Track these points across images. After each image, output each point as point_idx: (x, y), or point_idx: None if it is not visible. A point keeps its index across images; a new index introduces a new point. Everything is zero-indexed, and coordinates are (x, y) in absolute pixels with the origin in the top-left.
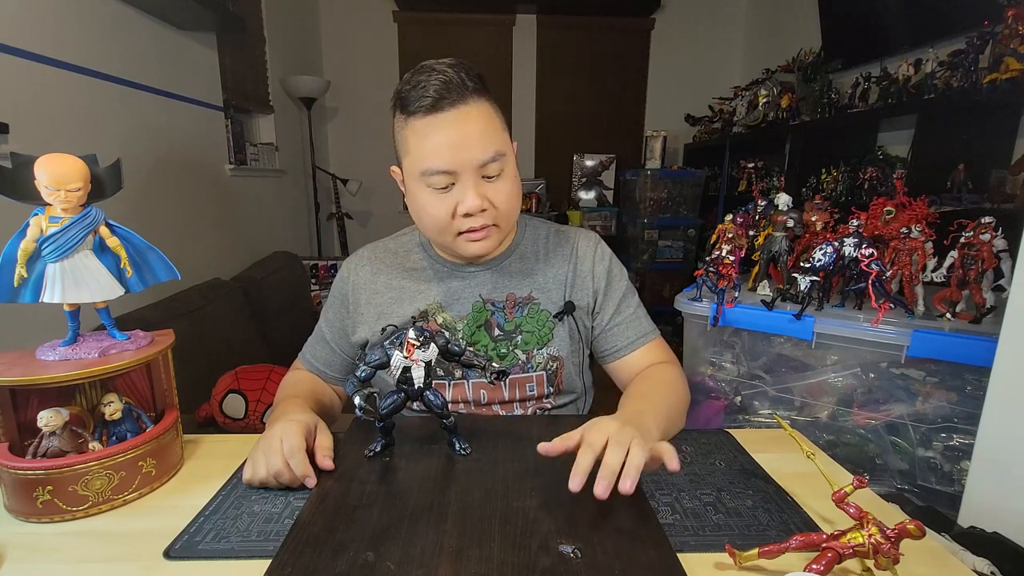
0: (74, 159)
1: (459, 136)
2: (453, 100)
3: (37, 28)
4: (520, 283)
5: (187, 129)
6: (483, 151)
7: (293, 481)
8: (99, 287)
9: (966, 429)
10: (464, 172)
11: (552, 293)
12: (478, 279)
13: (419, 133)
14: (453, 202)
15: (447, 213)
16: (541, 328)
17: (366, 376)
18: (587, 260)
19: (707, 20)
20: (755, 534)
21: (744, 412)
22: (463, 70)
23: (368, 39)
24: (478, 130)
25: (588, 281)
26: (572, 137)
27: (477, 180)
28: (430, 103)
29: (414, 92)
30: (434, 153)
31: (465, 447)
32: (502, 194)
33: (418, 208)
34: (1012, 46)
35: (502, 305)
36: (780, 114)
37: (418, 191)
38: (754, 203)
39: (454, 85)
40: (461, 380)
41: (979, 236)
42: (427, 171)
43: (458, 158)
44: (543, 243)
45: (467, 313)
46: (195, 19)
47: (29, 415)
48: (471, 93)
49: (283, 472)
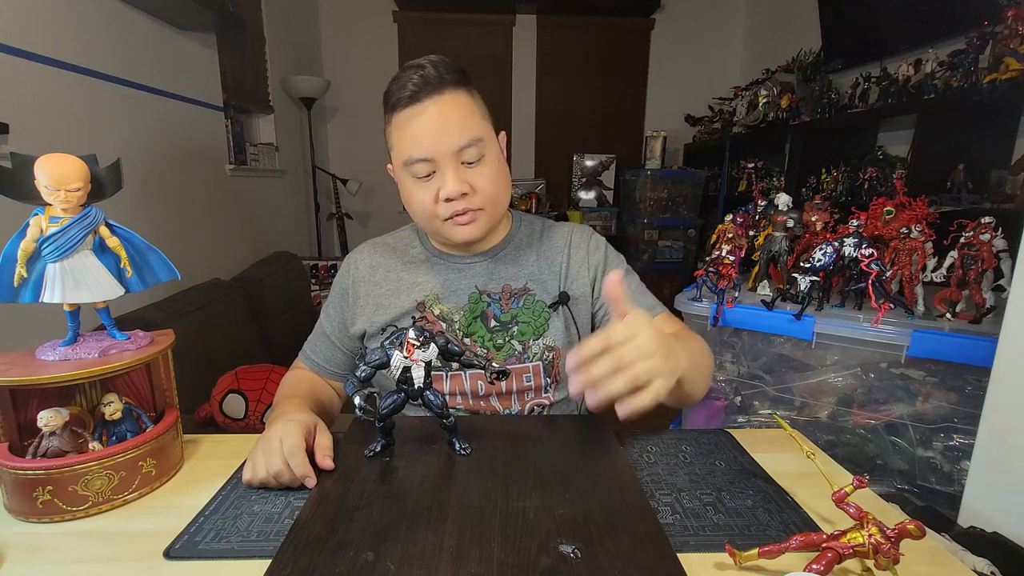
0: (74, 159)
1: (436, 124)
2: (430, 91)
3: (37, 28)
4: (516, 274)
5: (187, 129)
6: (460, 137)
7: (293, 481)
8: (99, 287)
9: (966, 429)
10: (443, 159)
11: (547, 284)
12: (474, 270)
13: (400, 126)
14: (435, 188)
15: (431, 200)
16: (537, 319)
17: (366, 376)
18: (581, 249)
19: (707, 20)
20: (755, 534)
21: (744, 412)
22: (441, 65)
23: (368, 39)
24: (455, 117)
25: (584, 271)
26: (572, 137)
27: (456, 166)
28: (408, 96)
29: (395, 89)
30: (413, 142)
31: (465, 447)
32: (484, 179)
33: (406, 198)
34: (1012, 46)
35: (498, 296)
36: (780, 114)
37: (404, 181)
38: (754, 203)
39: (431, 79)
40: (459, 371)
41: (979, 236)
42: (409, 160)
43: (435, 145)
44: (537, 235)
45: (464, 304)
46: (195, 19)
47: (29, 415)
48: (448, 84)
49: (283, 472)
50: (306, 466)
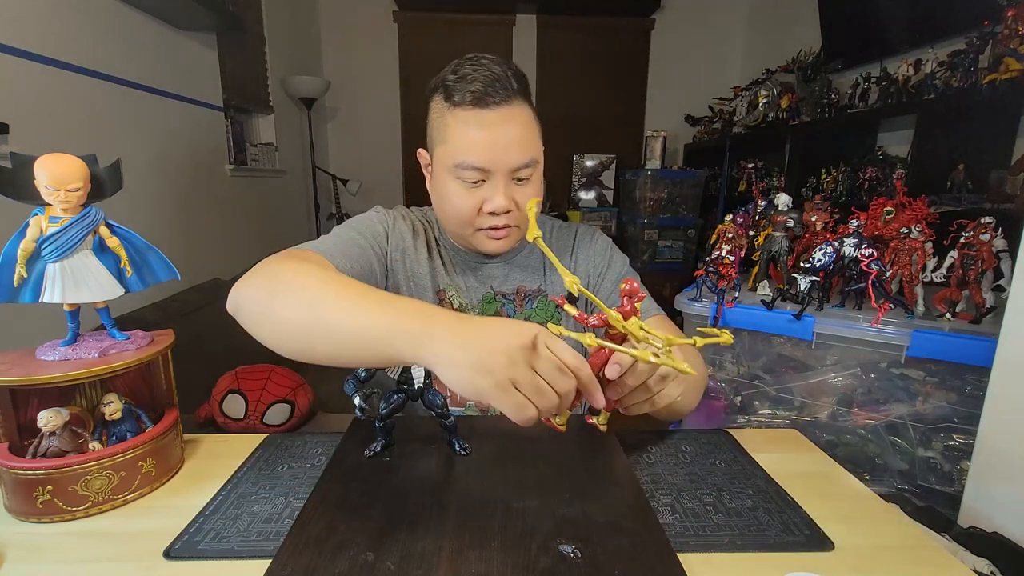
0: (74, 159)
1: (500, 137)
2: (499, 98)
3: (37, 28)
4: (531, 276)
5: (187, 129)
6: (519, 156)
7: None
8: (99, 287)
9: (966, 429)
10: (497, 172)
11: (559, 285)
12: (490, 271)
13: (461, 124)
14: (480, 198)
15: (473, 208)
16: (550, 319)
17: (366, 376)
18: (585, 249)
19: (707, 20)
20: (755, 534)
21: (744, 412)
22: (510, 69)
23: (368, 39)
24: (518, 134)
25: (587, 271)
26: (572, 137)
27: (508, 182)
28: (476, 96)
29: (460, 82)
30: (472, 148)
31: (465, 447)
32: (528, 197)
33: (443, 195)
34: (1012, 46)
35: (512, 297)
36: (780, 114)
37: (447, 180)
38: (754, 203)
39: (501, 82)
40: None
41: (979, 236)
42: (462, 164)
43: (495, 158)
44: (548, 238)
45: (477, 303)
46: (195, 19)
47: (29, 415)
48: (516, 94)
49: (571, 393)
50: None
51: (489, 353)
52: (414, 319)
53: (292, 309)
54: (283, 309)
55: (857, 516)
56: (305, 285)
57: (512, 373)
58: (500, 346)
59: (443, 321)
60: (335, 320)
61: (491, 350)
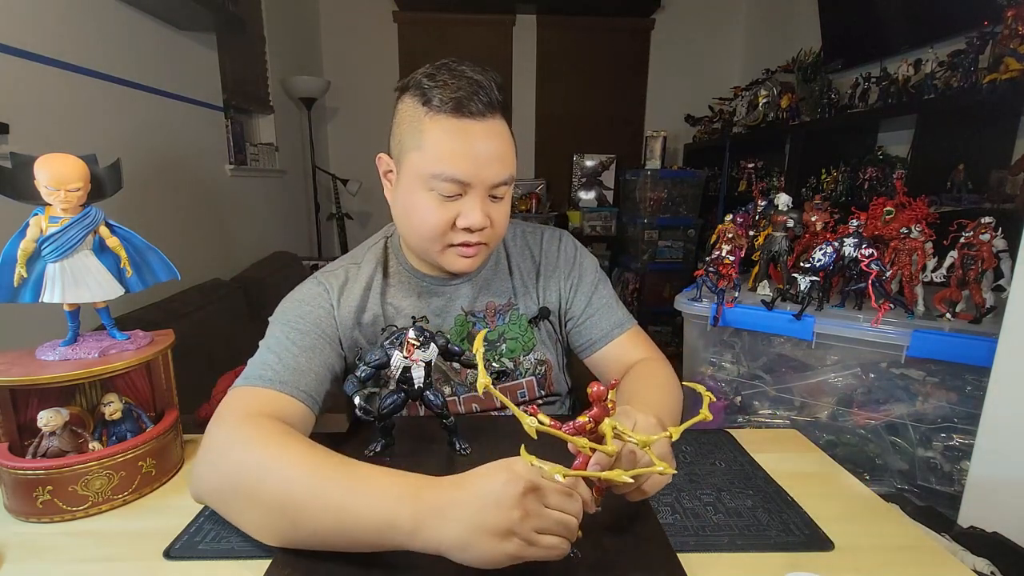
0: (74, 159)
1: (483, 150)
2: (482, 109)
3: (37, 28)
4: (498, 290)
5: (187, 129)
6: (500, 172)
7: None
8: (99, 287)
9: (966, 429)
10: (476, 187)
11: (528, 297)
12: (459, 292)
13: (441, 131)
14: (454, 212)
15: (446, 222)
16: (524, 333)
17: (366, 376)
18: (551, 256)
19: (707, 20)
20: (755, 534)
21: (744, 412)
22: (493, 79)
23: (368, 39)
24: (501, 149)
25: (554, 280)
26: (572, 137)
27: (485, 198)
28: (458, 102)
29: (435, 87)
30: (453, 160)
31: (465, 447)
32: (501, 215)
33: (411, 209)
34: (1012, 46)
35: (483, 314)
36: (780, 114)
37: (417, 191)
38: (754, 203)
39: (483, 93)
40: (452, 396)
41: (979, 236)
42: (440, 175)
43: (477, 172)
44: (512, 247)
45: (450, 327)
46: (195, 19)
47: (29, 415)
48: (498, 108)
49: (582, 508)
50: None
51: (495, 513)
52: (401, 506)
53: (262, 516)
54: (250, 520)
55: (857, 516)
56: (265, 487)
57: (530, 524)
58: (506, 501)
59: (430, 503)
60: (316, 525)
61: (496, 505)
